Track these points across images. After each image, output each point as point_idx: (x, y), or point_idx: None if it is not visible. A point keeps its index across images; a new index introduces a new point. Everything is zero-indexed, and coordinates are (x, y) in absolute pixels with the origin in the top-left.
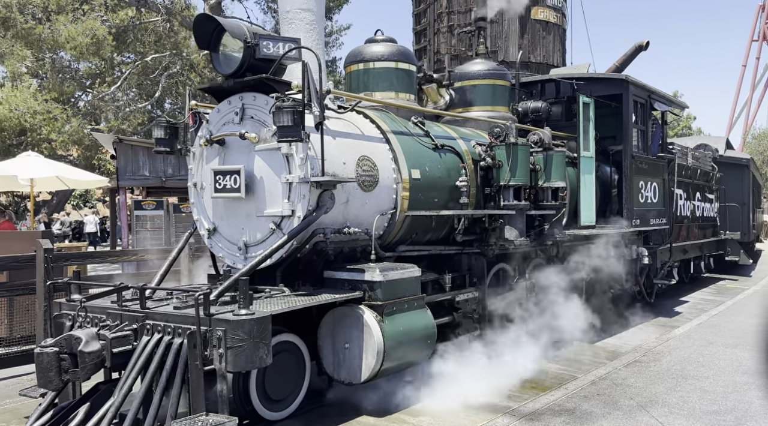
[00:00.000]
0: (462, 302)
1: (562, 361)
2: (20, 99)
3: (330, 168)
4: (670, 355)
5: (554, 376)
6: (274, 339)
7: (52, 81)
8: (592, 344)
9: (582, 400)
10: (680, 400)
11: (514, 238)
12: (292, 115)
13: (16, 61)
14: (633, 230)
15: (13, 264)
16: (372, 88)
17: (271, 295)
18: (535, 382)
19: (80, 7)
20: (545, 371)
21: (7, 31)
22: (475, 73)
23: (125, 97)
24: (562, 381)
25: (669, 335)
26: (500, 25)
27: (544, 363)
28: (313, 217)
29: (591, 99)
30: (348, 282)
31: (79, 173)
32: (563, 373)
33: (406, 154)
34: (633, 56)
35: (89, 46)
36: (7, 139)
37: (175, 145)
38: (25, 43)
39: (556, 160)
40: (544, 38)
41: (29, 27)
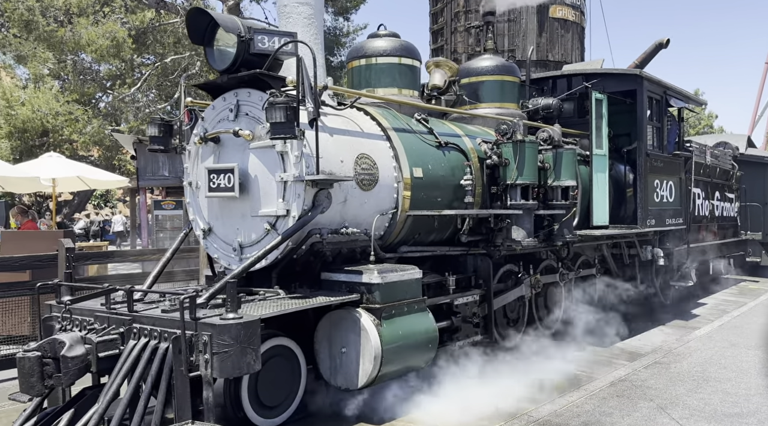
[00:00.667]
0: (461, 306)
1: (580, 362)
2: (42, 100)
3: (326, 166)
4: (691, 357)
5: (572, 378)
6: (267, 343)
7: (73, 83)
8: (611, 346)
9: (601, 402)
10: (701, 402)
11: (521, 238)
12: (285, 111)
13: (39, 64)
14: (647, 231)
15: (36, 263)
16: (374, 84)
17: (265, 297)
18: (553, 383)
19: (101, 10)
20: (563, 371)
21: (30, 33)
22: (482, 69)
23: (145, 98)
24: (580, 382)
25: (690, 336)
26: (518, 23)
27: (563, 364)
28: (308, 217)
29: (604, 95)
30: (345, 284)
31: (100, 173)
32: (581, 374)
33: (408, 152)
34: (653, 54)
35: (109, 48)
36: (30, 140)
37: (169, 143)
38: (47, 45)
39: (566, 158)
40: (563, 37)
41: (51, 30)
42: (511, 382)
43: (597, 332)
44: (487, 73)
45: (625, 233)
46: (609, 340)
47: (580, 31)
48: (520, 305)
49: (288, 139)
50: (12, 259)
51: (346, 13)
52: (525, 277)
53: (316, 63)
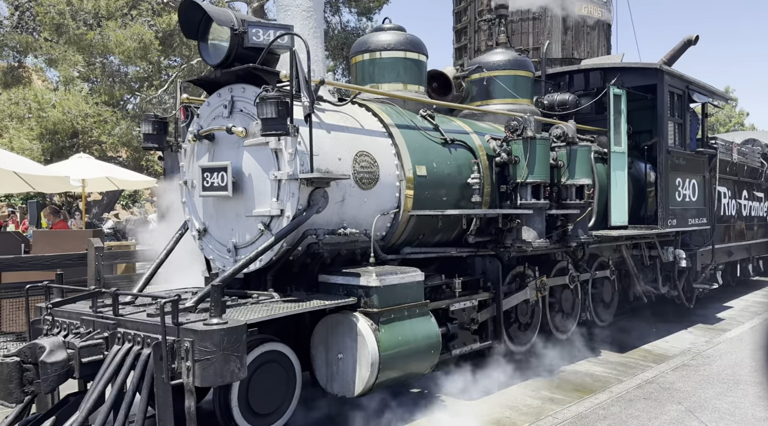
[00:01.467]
0: (457, 312)
1: (606, 363)
2: (72, 102)
3: (322, 164)
4: (721, 359)
5: (598, 379)
6: (259, 348)
7: (102, 85)
8: (636, 348)
9: (628, 404)
10: (731, 405)
11: (532, 239)
12: (276, 107)
13: (69, 66)
14: (668, 231)
15: (66, 262)
16: (378, 79)
17: (258, 300)
18: (579, 385)
19: (128, 13)
20: (589, 373)
21: (60, 37)
22: (494, 64)
23: (172, 99)
24: (607, 384)
25: (720, 339)
26: (542, 21)
27: (588, 365)
28: (302, 217)
29: (623, 90)
30: (343, 287)
31: (128, 174)
32: (608, 375)
33: (411, 149)
34: (681, 51)
35: (137, 51)
36: (61, 141)
37: (164, 140)
38: (77, 48)
39: (580, 155)
40: (588, 34)
41: (81, 33)
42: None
43: (618, 335)
44: (498, 68)
45: (644, 234)
46: (632, 342)
47: (606, 29)
48: (531, 309)
49: (281, 136)
50: (43, 258)
51: (369, 13)
52: (530, 279)
53: (310, 57)
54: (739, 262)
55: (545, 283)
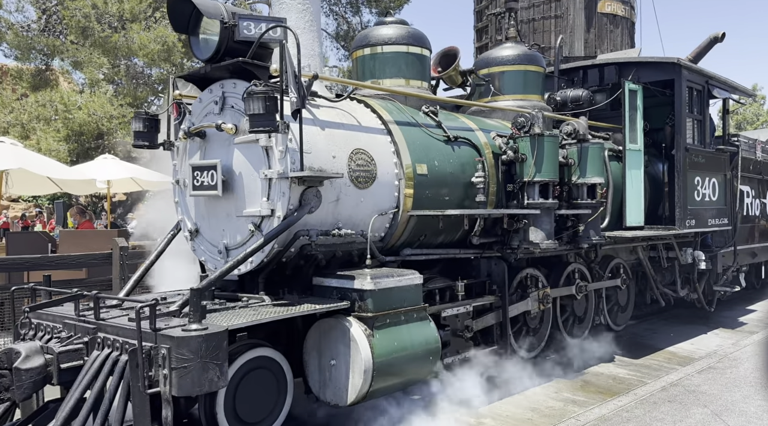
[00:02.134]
0: (450, 318)
1: (630, 365)
2: (98, 104)
3: (315, 162)
4: (748, 362)
5: (622, 381)
6: (248, 354)
7: (126, 87)
8: (662, 349)
9: (652, 407)
10: (759, 409)
11: (539, 240)
12: (263, 102)
13: (94, 69)
14: (686, 232)
15: (92, 261)
16: (379, 74)
17: (247, 304)
18: (601, 387)
19: (152, 15)
20: (613, 375)
21: (86, 39)
22: (503, 59)
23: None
24: (631, 386)
25: (746, 341)
26: (565, 19)
27: (611, 367)
28: (293, 217)
29: (639, 85)
30: (336, 290)
31: (153, 175)
32: (631, 378)
33: (411, 147)
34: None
35: (160, 53)
36: (86, 142)
37: (155, 138)
38: (102, 50)
39: (592, 153)
40: (612, 32)
41: (106, 35)
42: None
43: (641, 337)
44: (508, 63)
45: (660, 235)
46: (656, 344)
47: (630, 26)
48: (539, 314)
49: (271, 133)
50: (69, 257)
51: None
52: (531, 290)
53: (301, 50)
54: (764, 264)
55: (548, 294)
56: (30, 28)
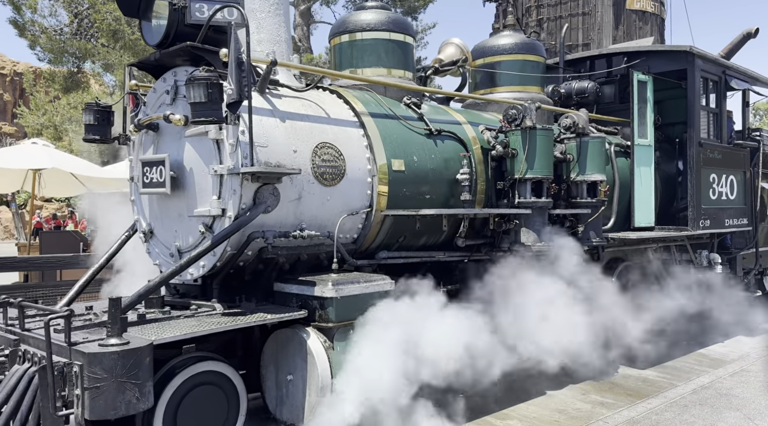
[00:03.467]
0: None
1: (660, 367)
2: None
3: (272, 156)
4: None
5: (651, 383)
6: (192, 368)
7: None
8: (693, 352)
9: (682, 410)
10: None
11: (531, 242)
12: (205, 89)
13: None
14: (700, 233)
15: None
16: (357, 63)
17: (195, 313)
18: (630, 389)
19: None
20: (642, 378)
21: (117, 42)
22: (500, 48)
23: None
24: (660, 388)
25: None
26: (592, 16)
27: (640, 369)
28: (246, 217)
29: (648, 76)
30: (297, 297)
31: None
32: (661, 380)
33: (386, 141)
34: (740, 44)
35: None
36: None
37: (107, 132)
38: (132, 53)
39: (592, 148)
40: (641, 29)
41: (136, 38)
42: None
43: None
44: (505, 52)
45: (671, 236)
46: (686, 346)
47: (659, 23)
48: None
49: (214, 124)
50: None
51: (414, 12)
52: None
53: (249, 32)
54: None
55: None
56: (62, 31)
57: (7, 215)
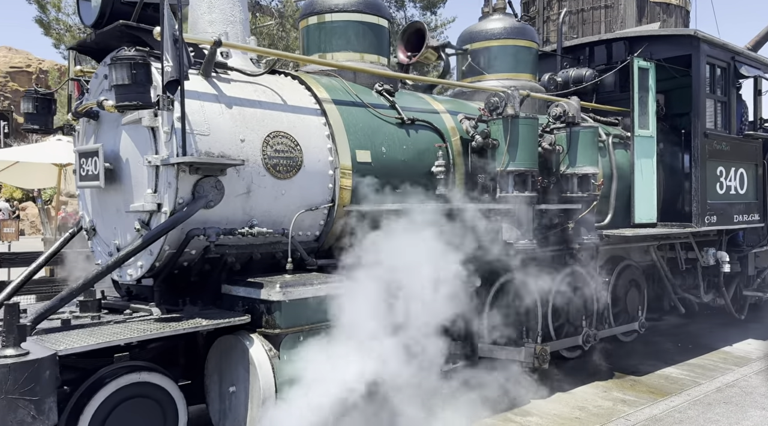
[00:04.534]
0: None
1: (683, 365)
2: None
3: (214, 146)
4: None
5: (674, 381)
6: (120, 380)
7: None
8: (717, 349)
9: (706, 408)
10: None
11: (514, 240)
12: (129, 70)
13: None
14: (705, 230)
15: None
16: (326, 47)
17: (127, 319)
18: (652, 387)
19: None
20: (664, 375)
21: None
22: (489, 33)
23: None
24: (684, 386)
25: None
26: (615, 9)
27: (663, 366)
28: (182, 213)
29: (650, 63)
30: (243, 300)
31: None
32: (684, 377)
33: (351, 130)
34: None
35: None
36: None
37: (49, 121)
38: None
39: (583, 138)
40: (665, 22)
41: None
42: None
43: (693, 336)
44: (494, 38)
45: (672, 233)
46: (711, 344)
47: (684, 15)
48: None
49: (140, 109)
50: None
51: (434, 7)
52: (526, 342)
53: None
54: None
55: (546, 352)
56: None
57: (33, 211)
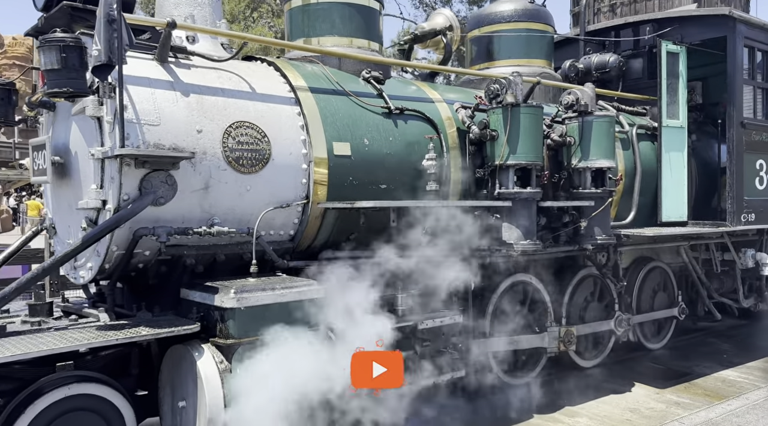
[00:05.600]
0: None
1: (742, 368)
2: None
3: (165, 137)
4: None
5: (732, 384)
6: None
7: None
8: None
9: (766, 413)
10: None
11: (514, 240)
12: (57, 53)
13: None
14: (741, 229)
15: None
16: (311, 32)
17: (70, 325)
18: (708, 390)
19: (251, 15)
20: (721, 378)
21: None
22: (498, 16)
23: None
24: (742, 390)
25: None
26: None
27: (720, 369)
28: (126, 211)
29: (681, 47)
30: (198, 306)
31: None
32: (743, 381)
33: (328, 121)
34: None
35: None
36: None
37: (9, 112)
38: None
39: (597, 129)
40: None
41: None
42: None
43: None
44: (504, 21)
45: (702, 233)
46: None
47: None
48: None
49: (73, 97)
50: None
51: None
52: (551, 325)
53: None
54: None
55: (572, 334)
56: None
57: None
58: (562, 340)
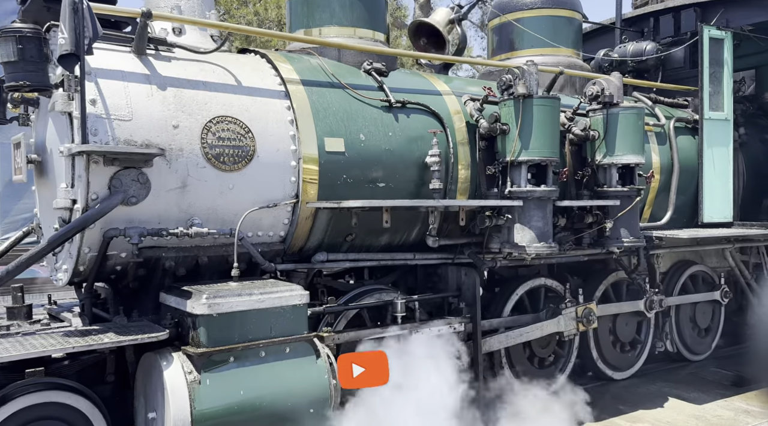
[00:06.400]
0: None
1: None
2: None
3: (137, 133)
4: None
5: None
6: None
7: None
8: None
9: None
10: None
11: (527, 242)
12: (14, 44)
13: None
14: None
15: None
16: (311, 22)
17: (39, 331)
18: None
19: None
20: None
21: (249, 44)
22: (522, 3)
23: None
24: None
25: None
26: None
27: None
28: (94, 210)
29: (726, 32)
30: (174, 312)
31: None
32: None
33: (319, 115)
34: None
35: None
36: None
37: (0, 111)
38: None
39: (624, 122)
40: None
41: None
42: None
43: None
44: (528, 7)
45: (748, 235)
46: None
47: None
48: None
49: (34, 91)
50: None
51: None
52: (568, 305)
53: None
54: None
55: (592, 312)
56: None
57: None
58: (581, 319)
